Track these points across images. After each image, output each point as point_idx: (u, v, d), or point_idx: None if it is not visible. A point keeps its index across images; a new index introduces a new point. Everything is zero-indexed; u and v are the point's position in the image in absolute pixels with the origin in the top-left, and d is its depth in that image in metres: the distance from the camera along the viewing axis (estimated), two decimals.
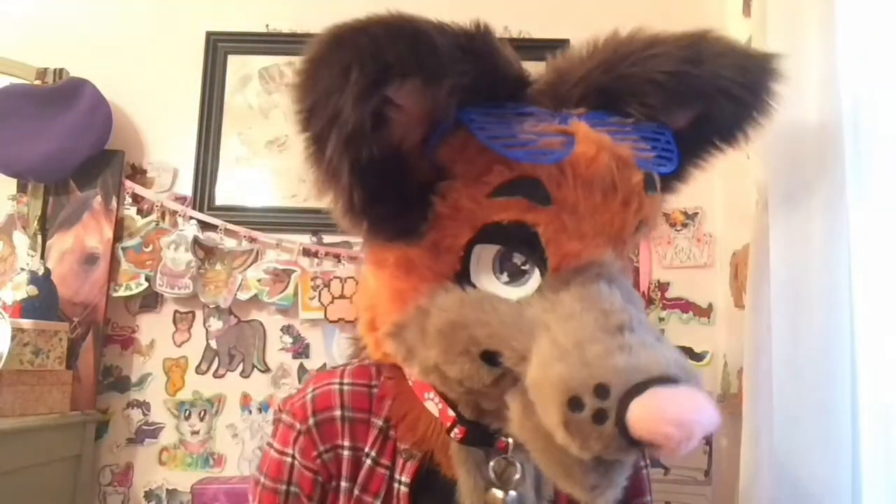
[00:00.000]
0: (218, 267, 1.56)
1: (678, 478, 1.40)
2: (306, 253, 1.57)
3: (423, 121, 0.54)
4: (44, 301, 1.43)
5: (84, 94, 1.56)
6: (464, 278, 0.57)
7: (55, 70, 1.60)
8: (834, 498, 0.79)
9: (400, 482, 0.65)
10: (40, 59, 1.61)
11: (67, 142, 1.53)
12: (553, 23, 1.60)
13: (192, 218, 1.57)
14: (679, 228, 1.55)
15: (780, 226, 0.92)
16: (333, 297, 1.52)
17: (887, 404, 0.78)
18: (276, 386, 1.54)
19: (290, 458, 0.68)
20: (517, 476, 0.62)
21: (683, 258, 1.55)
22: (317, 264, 1.56)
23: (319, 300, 1.52)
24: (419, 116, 0.53)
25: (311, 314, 1.53)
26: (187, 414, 1.54)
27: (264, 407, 1.54)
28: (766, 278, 0.94)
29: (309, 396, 0.69)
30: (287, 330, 1.56)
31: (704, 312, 1.53)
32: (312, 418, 0.68)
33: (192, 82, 1.63)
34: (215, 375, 1.55)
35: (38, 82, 1.59)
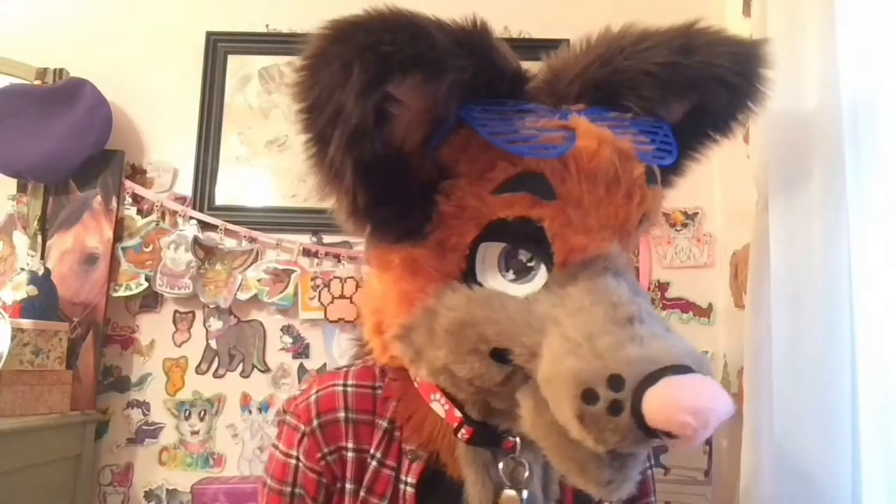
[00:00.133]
0: (218, 267, 1.56)
1: (678, 478, 1.39)
2: (306, 253, 1.57)
3: (424, 119, 0.54)
4: (44, 301, 1.43)
5: (84, 94, 1.56)
6: (470, 277, 0.57)
7: (55, 70, 1.60)
8: (834, 497, 0.79)
9: (406, 483, 0.65)
10: (40, 59, 1.61)
11: (67, 142, 1.53)
12: (553, 23, 1.60)
13: (192, 218, 1.56)
14: (679, 228, 1.55)
15: (781, 226, 0.92)
16: (333, 297, 1.52)
17: (887, 404, 0.78)
18: (276, 386, 1.54)
19: (294, 459, 0.68)
20: (526, 476, 0.62)
21: (683, 258, 1.55)
22: (317, 264, 1.56)
23: (319, 300, 1.52)
24: (420, 114, 0.53)
25: (311, 314, 1.53)
26: (187, 414, 1.54)
27: (264, 407, 1.54)
28: (766, 278, 0.94)
29: (313, 398, 0.69)
30: (287, 330, 1.56)
31: (704, 312, 1.53)
32: (316, 420, 0.68)
33: (192, 82, 1.63)
34: (215, 375, 1.55)
35: (38, 82, 1.59)
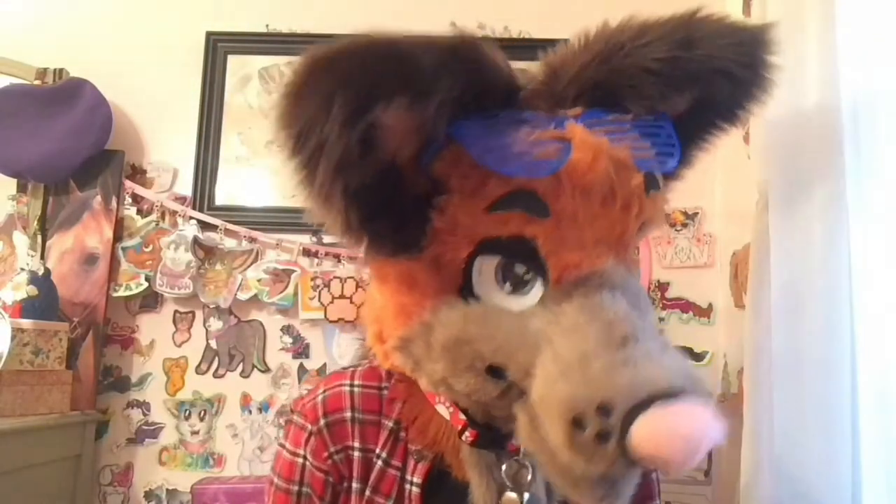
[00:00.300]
0: (218, 267, 1.56)
1: (678, 478, 1.39)
2: (306, 253, 1.57)
3: (414, 137, 0.53)
4: (44, 301, 1.43)
5: (84, 94, 1.56)
6: (467, 291, 0.56)
7: (55, 70, 1.60)
8: (834, 498, 0.79)
9: (411, 483, 0.65)
10: (40, 59, 1.61)
11: (67, 142, 1.53)
12: (553, 23, 1.59)
13: (192, 218, 1.57)
14: (679, 228, 1.55)
15: (781, 226, 0.92)
16: (333, 297, 1.52)
17: (887, 404, 0.78)
18: (276, 386, 1.54)
19: (301, 458, 0.68)
20: (529, 478, 0.62)
21: (683, 258, 1.55)
22: (317, 264, 1.56)
23: (319, 300, 1.52)
24: (410, 133, 0.52)
25: (311, 314, 1.53)
26: (187, 414, 1.54)
27: (264, 407, 1.54)
28: (766, 278, 0.94)
29: (320, 398, 0.69)
30: (287, 330, 1.56)
31: (704, 312, 1.53)
32: (323, 419, 0.68)
33: (192, 82, 1.63)
34: (215, 375, 1.55)
35: (38, 82, 1.59)
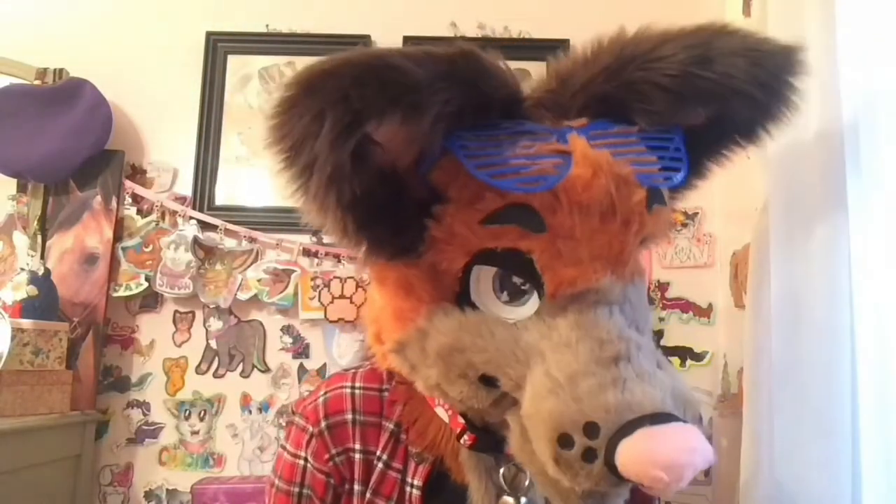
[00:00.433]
0: (218, 267, 1.56)
1: None
2: (306, 253, 1.57)
3: (410, 148, 0.52)
4: (44, 301, 1.43)
5: (84, 94, 1.56)
6: (464, 299, 0.56)
7: (55, 70, 1.60)
8: (834, 498, 0.79)
9: (412, 485, 0.66)
10: (40, 59, 1.61)
11: (67, 142, 1.53)
12: (553, 23, 1.60)
13: (192, 218, 1.56)
14: (679, 228, 1.55)
15: (781, 226, 0.92)
16: (333, 297, 1.52)
17: (887, 405, 0.78)
18: (276, 386, 1.54)
19: (302, 460, 0.68)
20: (527, 482, 0.63)
21: (683, 258, 1.55)
22: (317, 264, 1.56)
23: (319, 300, 1.52)
24: (405, 145, 0.51)
25: (311, 314, 1.53)
26: (187, 414, 1.54)
27: (264, 407, 1.54)
28: (766, 278, 0.94)
29: (321, 400, 0.69)
30: (287, 330, 1.56)
31: (704, 312, 1.53)
32: (324, 421, 0.68)
33: (192, 82, 1.63)
34: (215, 375, 1.55)
35: (38, 82, 1.59)
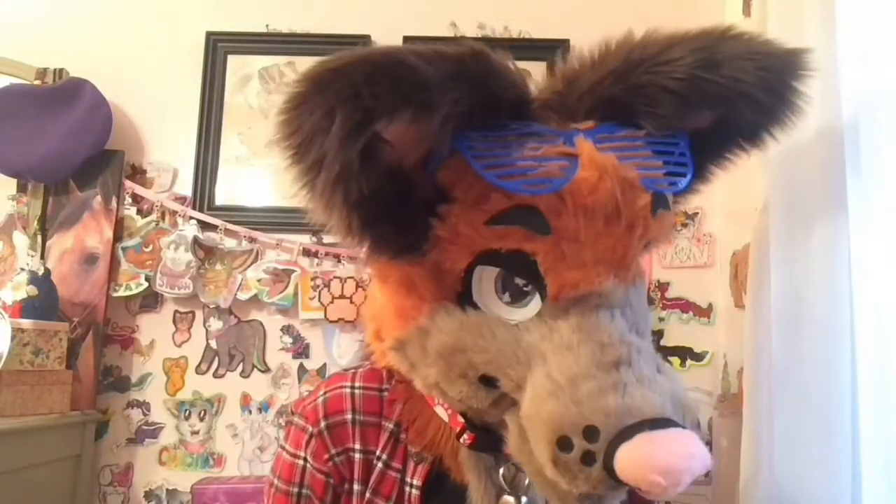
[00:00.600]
0: (218, 267, 1.56)
1: None
2: (306, 253, 1.57)
3: (419, 146, 0.52)
4: (44, 301, 1.43)
5: (84, 94, 1.56)
6: (465, 299, 0.56)
7: (55, 70, 1.60)
8: (834, 497, 0.79)
9: (411, 485, 0.65)
10: (40, 59, 1.61)
11: (67, 142, 1.53)
12: (553, 23, 1.60)
13: (192, 218, 1.56)
14: (679, 228, 1.55)
15: (781, 226, 0.92)
16: (333, 297, 1.52)
17: (887, 404, 0.78)
18: (276, 386, 1.54)
19: (301, 460, 0.68)
20: (527, 482, 0.62)
21: (683, 258, 1.55)
22: (317, 264, 1.56)
23: (319, 300, 1.52)
24: (414, 143, 0.51)
25: (311, 314, 1.53)
26: (187, 414, 1.54)
27: (264, 407, 1.54)
28: (766, 278, 0.94)
29: (320, 400, 0.69)
30: (287, 330, 1.56)
31: (704, 312, 1.53)
32: (324, 421, 0.68)
33: (192, 82, 1.63)
34: (215, 375, 1.55)
35: (38, 82, 1.59)
